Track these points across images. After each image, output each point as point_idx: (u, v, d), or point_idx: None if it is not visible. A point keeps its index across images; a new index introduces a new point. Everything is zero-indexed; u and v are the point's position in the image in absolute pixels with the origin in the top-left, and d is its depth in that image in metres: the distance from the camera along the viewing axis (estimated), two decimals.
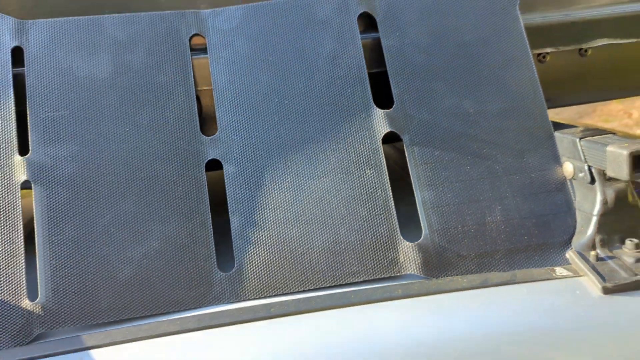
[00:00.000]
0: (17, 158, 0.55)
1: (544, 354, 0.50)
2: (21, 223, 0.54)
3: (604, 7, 0.76)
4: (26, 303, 0.51)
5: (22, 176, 0.55)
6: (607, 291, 0.51)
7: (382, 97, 0.62)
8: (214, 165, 0.58)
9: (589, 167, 0.57)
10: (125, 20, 0.61)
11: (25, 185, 0.55)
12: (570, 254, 0.56)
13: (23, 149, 0.56)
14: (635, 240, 0.55)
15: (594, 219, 0.56)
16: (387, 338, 0.49)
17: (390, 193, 0.58)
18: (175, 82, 0.60)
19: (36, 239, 0.53)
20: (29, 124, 0.56)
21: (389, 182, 0.58)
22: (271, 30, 0.63)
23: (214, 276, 0.55)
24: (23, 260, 0.53)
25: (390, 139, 0.60)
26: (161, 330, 0.50)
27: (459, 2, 0.67)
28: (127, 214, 0.55)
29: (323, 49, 0.63)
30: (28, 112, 0.57)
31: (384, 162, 0.59)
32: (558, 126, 0.64)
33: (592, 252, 0.55)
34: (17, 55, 0.59)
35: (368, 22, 0.66)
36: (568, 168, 0.60)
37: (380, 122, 0.60)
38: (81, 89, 0.58)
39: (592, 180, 0.57)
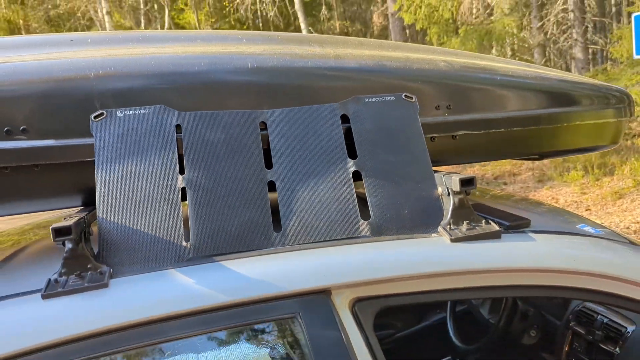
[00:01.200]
0: (179, 176, 1.15)
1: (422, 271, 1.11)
2: (180, 206, 1.13)
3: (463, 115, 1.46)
4: (184, 243, 1.09)
5: (181, 184, 1.14)
6: (452, 241, 1.14)
7: (350, 154, 1.27)
8: (271, 185, 1.20)
9: (447, 188, 1.22)
10: (228, 113, 1.25)
11: (182, 190, 1.14)
12: (439, 229, 1.20)
13: (181, 171, 1.16)
14: (468, 221, 1.19)
15: (450, 213, 1.20)
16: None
17: (355, 198, 1.20)
18: (252, 145, 1.22)
19: (189, 211, 1.12)
20: (185, 160, 1.17)
21: (354, 193, 1.21)
22: (300, 122, 1.28)
23: (271, 234, 1.14)
24: (181, 223, 1.11)
25: (356, 174, 1.24)
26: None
27: (385, 110, 1.34)
28: (234, 202, 1.15)
29: (324, 130, 1.27)
30: (184, 154, 1.18)
31: (352, 182, 1.22)
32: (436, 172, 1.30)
33: (450, 227, 1.19)
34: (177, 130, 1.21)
35: (344, 117, 1.31)
36: (439, 189, 1.25)
37: (351, 165, 1.24)
38: (208, 146, 1.20)
39: (449, 194, 1.21)
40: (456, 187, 1.16)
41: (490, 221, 1.21)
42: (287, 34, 1.64)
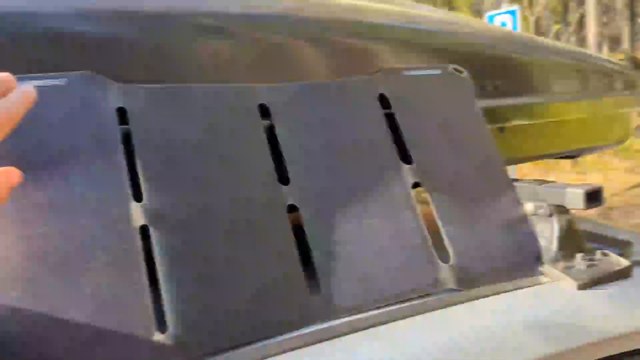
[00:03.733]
0: (134, 205, 0.60)
1: (554, 338, 0.69)
2: (144, 264, 0.58)
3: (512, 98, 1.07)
4: (156, 336, 0.56)
5: (140, 220, 0.60)
6: (580, 287, 0.74)
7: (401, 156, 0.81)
8: (292, 209, 0.70)
9: (548, 205, 0.81)
10: (207, 89, 0.72)
11: (143, 230, 0.60)
12: (545, 267, 0.79)
13: (136, 197, 0.61)
14: (582, 254, 0.80)
15: (555, 241, 0.80)
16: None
17: (425, 228, 0.75)
18: (255, 145, 0.71)
19: (160, 274, 0.58)
20: (140, 176, 0.62)
21: (421, 219, 0.76)
22: (320, 104, 0.79)
23: (307, 299, 0.65)
24: (147, 294, 0.57)
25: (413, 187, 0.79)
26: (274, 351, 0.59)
27: (433, 90, 0.90)
28: (237, 250, 0.63)
29: (360, 119, 0.80)
30: (138, 165, 0.63)
31: (415, 202, 0.76)
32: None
33: (560, 264, 0.78)
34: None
35: (381, 99, 0.85)
36: (529, 207, 0.84)
37: (407, 175, 0.78)
38: (180, 149, 0.66)
39: (550, 214, 0.81)
40: (578, 203, 0.76)
41: (607, 252, 0.82)
42: None
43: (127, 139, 0.64)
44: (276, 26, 0.88)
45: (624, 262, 0.79)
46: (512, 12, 8.08)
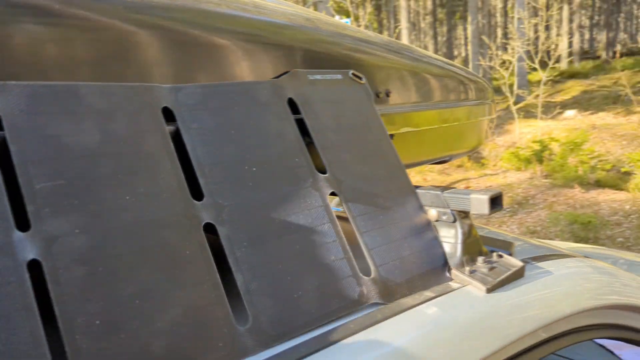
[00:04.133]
0: (18, 234, 0.46)
1: (468, 340, 0.71)
2: (35, 304, 0.45)
3: (401, 106, 1.09)
4: None
5: (29, 254, 0.46)
6: (488, 291, 0.76)
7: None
8: (209, 228, 0.61)
9: (451, 211, 0.83)
10: (99, 88, 0.59)
11: (33, 264, 0.46)
12: (453, 273, 0.80)
13: (20, 224, 0.47)
14: (482, 257, 0.83)
15: (460, 246, 0.82)
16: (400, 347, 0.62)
17: (345, 240, 0.71)
18: (159, 151, 0.60)
19: (58, 320, 0.45)
20: (23, 195, 0.48)
21: (341, 231, 0.72)
22: (228, 107, 0.70)
23: (235, 332, 0.57)
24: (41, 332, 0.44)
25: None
26: None
27: (337, 95, 0.87)
28: (146, 284, 0.52)
29: (270, 126, 0.73)
30: (20, 182, 0.48)
31: (333, 213, 0.72)
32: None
33: (466, 268, 0.80)
34: None
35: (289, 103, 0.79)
36: (433, 213, 0.85)
37: (324, 185, 0.74)
38: (71, 157, 0.53)
39: (454, 220, 0.83)
40: (482, 208, 0.79)
41: (500, 253, 0.87)
42: None
43: (1, 148, 0.50)
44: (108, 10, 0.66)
45: (518, 263, 0.84)
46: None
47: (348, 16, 11.01)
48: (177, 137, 0.65)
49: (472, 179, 8.31)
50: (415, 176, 8.77)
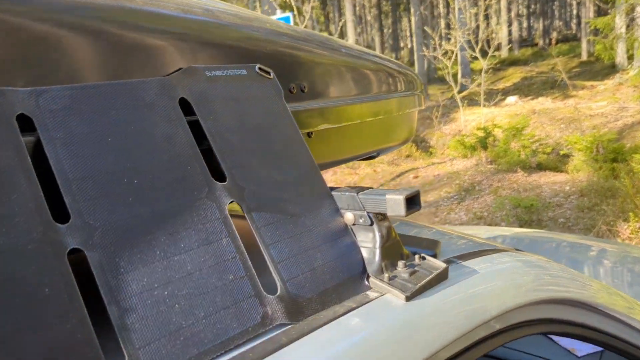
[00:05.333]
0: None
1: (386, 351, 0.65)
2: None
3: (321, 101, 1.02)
4: None
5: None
6: (408, 299, 0.71)
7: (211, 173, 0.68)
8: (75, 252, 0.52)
9: (368, 214, 0.77)
10: None
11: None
12: (371, 281, 0.75)
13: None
14: (403, 261, 0.78)
15: (378, 251, 0.77)
16: None
17: (247, 256, 0.64)
18: (12, 166, 0.51)
19: None
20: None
21: (242, 246, 0.64)
22: (104, 111, 0.61)
23: None
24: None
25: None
26: None
27: (241, 93, 0.80)
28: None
29: (157, 130, 0.65)
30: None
31: (233, 226, 0.65)
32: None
33: (385, 275, 0.75)
34: None
35: (182, 104, 0.71)
36: (349, 217, 0.79)
37: (222, 195, 0.66)
38: None
39: (371, 223, 0.77)
40: (399, 209, 0.73)
41: (423, 255, 0.82)
42: None
43: None
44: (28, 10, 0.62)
45: (441, 265, 0.79)
46: (287, 19, 8.45)
47: (292, 10, 10.90)
48: (37, 149, 0.56)
49: (420, 168, 8.44)
50: (365, 168, 8.84)
